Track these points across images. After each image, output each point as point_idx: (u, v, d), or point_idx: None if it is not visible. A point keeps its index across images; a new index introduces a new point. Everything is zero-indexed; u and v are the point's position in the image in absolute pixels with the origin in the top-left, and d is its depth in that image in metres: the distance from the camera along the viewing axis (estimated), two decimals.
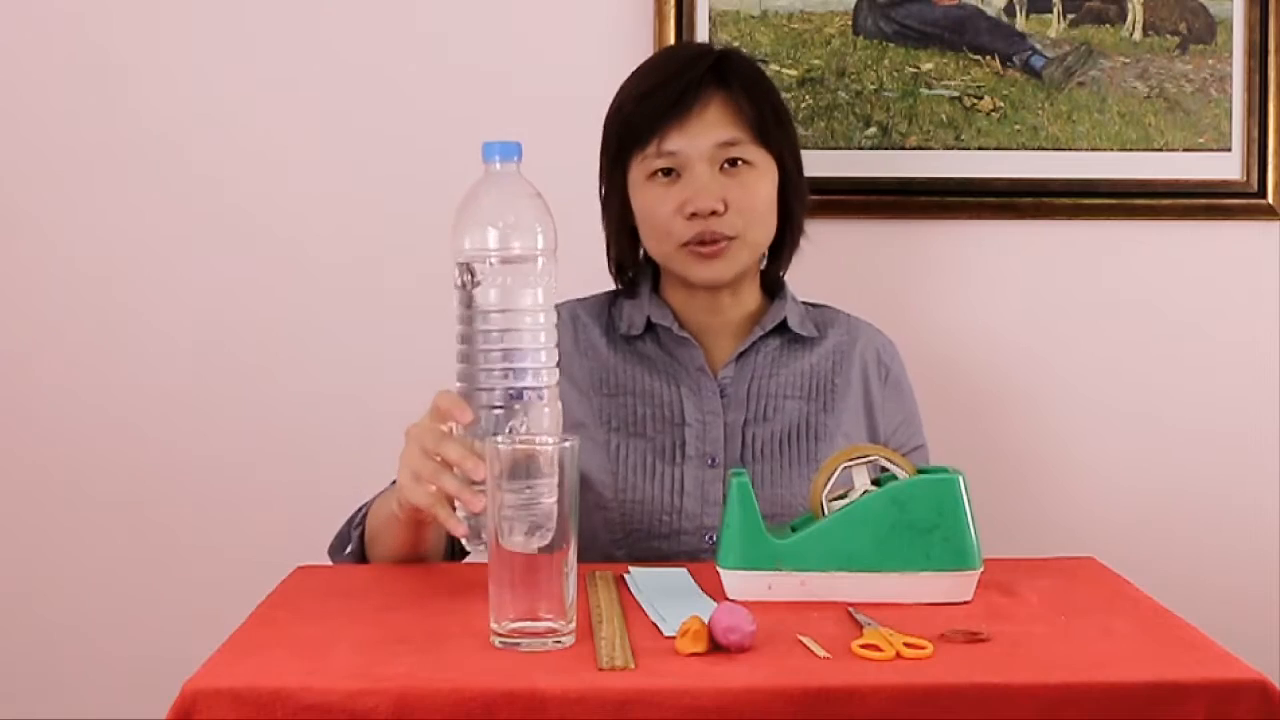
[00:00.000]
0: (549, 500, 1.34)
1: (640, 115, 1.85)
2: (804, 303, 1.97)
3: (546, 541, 1.34)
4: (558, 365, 1.53)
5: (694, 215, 1.82)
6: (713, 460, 1.84)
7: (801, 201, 1.92)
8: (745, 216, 1.84)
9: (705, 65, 1.86)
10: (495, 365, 1.49)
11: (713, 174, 1.84)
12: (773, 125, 1.87)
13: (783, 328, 1.92)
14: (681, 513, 1.81)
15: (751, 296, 1.94)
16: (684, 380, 1.88)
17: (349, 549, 1.81)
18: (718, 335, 1.92)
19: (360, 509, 1.86)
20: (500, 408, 1.48)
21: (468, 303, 1.50)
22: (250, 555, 2.12)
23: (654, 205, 1.85)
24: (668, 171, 1.85)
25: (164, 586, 2.30)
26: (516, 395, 1.43)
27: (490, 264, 1.48)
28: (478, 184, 1.52)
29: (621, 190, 1.89)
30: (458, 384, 1.51)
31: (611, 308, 1.96)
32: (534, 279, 1.49)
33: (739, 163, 1.85)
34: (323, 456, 2.28)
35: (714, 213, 1.82)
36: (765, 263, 1.95)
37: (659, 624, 1.41)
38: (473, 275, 1.49)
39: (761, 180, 1.86)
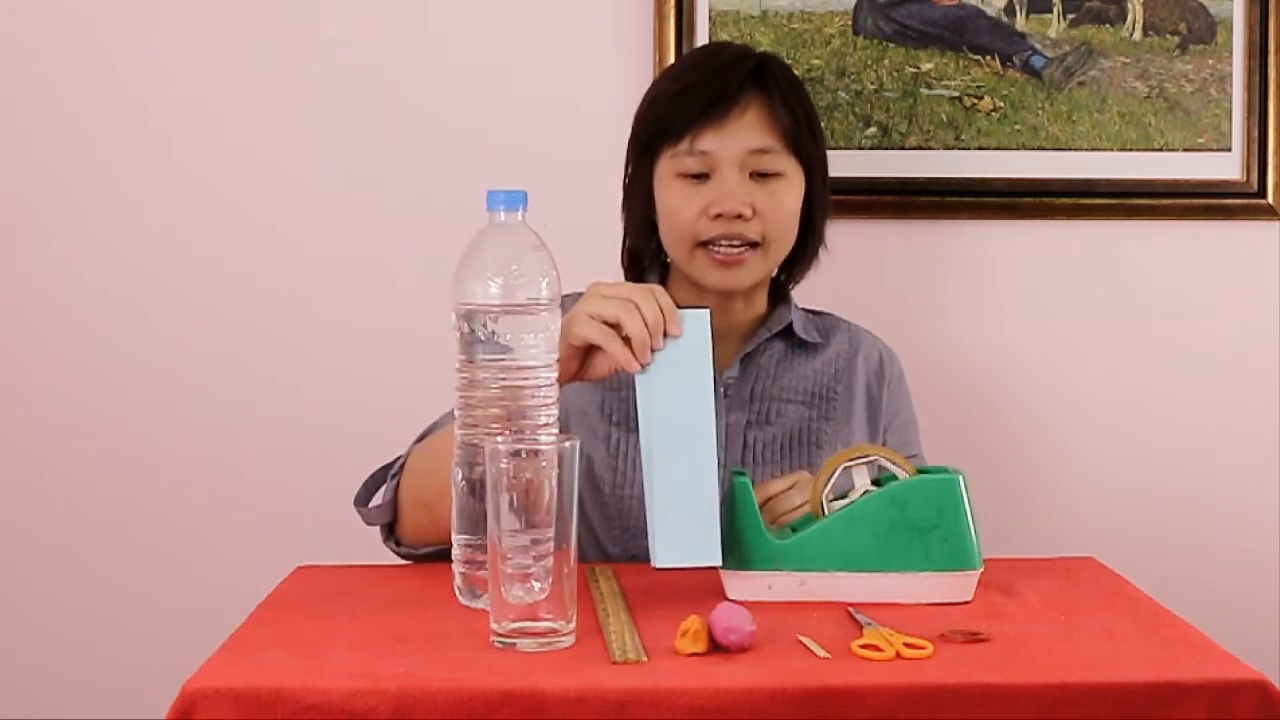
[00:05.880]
0: (547, 552, 1.34)
1: (676, 111, 1.84)
2: (805, 310, 1.97)
3: (545, 595, 1.34)
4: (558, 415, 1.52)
5: (719, 216, 1.82)
6: None
7: (824, 214, 1.92)
8: (771, 225, 1.83)
9: (747, 68, 1.86)
10: (494, 419, 1.48)
11: (742, 179, 1.83)
12: (806, 136, 1.87)
13: (787, 333, 1.92)
14: None
15: (759, 302, 1.93)
16: None
17: (380, 498, 1.77)
18: (723, 337, 1.91)
19: (397, 461, 1.84)
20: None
21: (467, 353, 1.49)
22: (250, 555, 2.12)
23: (679, 204, 1.84)
24: (698, 171, 1.83)
25: (164, 586, 2.30)
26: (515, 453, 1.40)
27: (492, 317, 1.48)
28: (482, 233, 1.51)
29: (647, 183, 1.88)
30: (458, 431, 1.51)
31: None
32: (535, 333, 1.48)
33: (770, 171, 1.84)
34: (323, 456, 2.28)
35: (740, 216, 1.82)
36: (778, 273, 1.94)
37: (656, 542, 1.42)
38: (472, 328, 1.48)
39: (790, 191, 1.86)
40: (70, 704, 2.28)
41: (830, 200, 1.93)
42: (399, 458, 1.83)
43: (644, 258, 1.93)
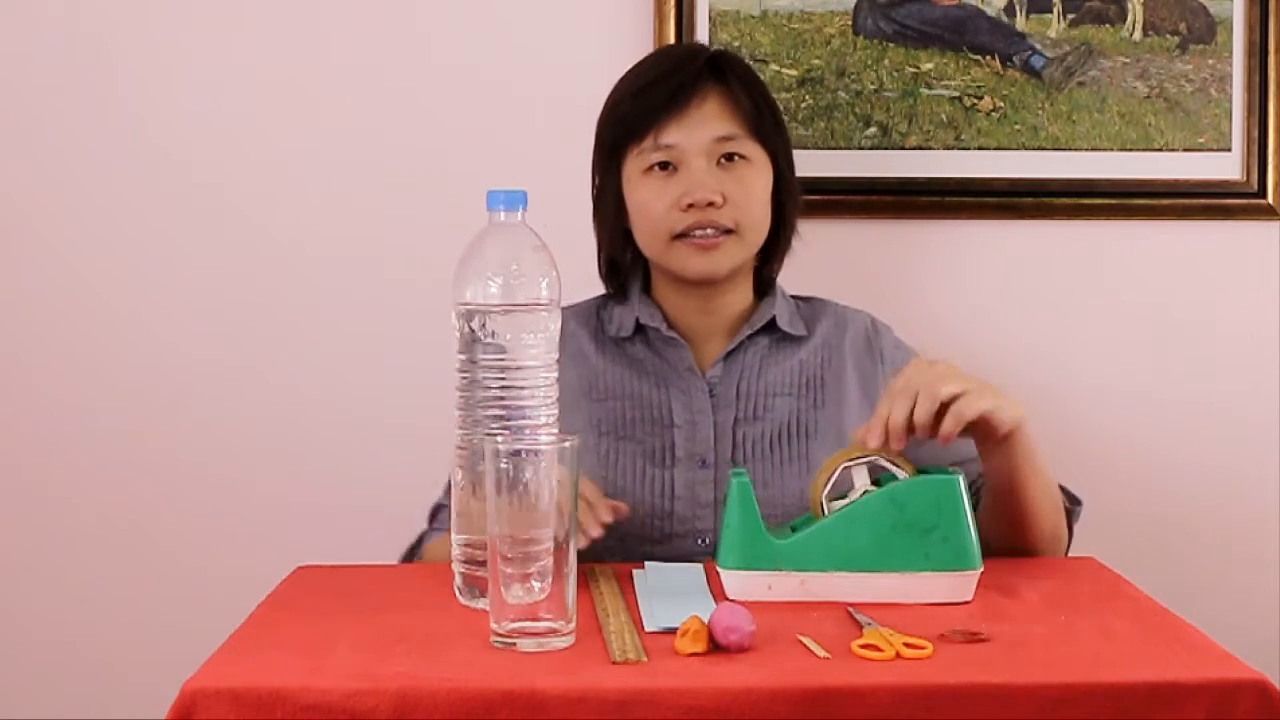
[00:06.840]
0: (546, 552, 1.34)
1: (637, 109, 1.85)
2: (794, 297, 1.97)
3: (545, 595, 1.34)
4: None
5: (691, 206, 1.82)
6: (703, 461, 1.84)
7: (794, 202, 1.93)
8: (742, 210, 1.84)
9: (702, 60, 1.87)
10: (494, 419, 1.48)
11: (710, 167, 1.84)
12: (770, 124, 1.88)
13: (772, 326, 1.92)
14: (673, 516, 1.81)
15: (743, 296, 1.93)
16: (672, 381, 1.88)
17: None
18: (708, 336, 1.92)
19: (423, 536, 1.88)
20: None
21: (467, 353, 1.49)
22: (250, 555, 2.12)
23: (650, 199, 1.85)
24: (664, 165, 1.84)
25: (164, 587, 2.29)
26: (515, 453, 1.39)
27: (492, 317, 1.48)
28: (482, 233, 1.51)
29: (616, 187, 1.89)
30: (457, 430, 1.51)
31: (601, 311, 1.95)
32: (535, 333, 1.48)
33: (736, 157, 1.85)
34: (322, 458, 2.28)
35: (711, 204, 1.82)
36: (758, 263, 1.94)
37: (646, 618, 1.41)
38: (472, 328, 1.48)
39: (758, 176, 1.87)
40: (70, 704, 2.28)
41: (800, 190, 1.94)
42: (415, 548, 1.86)
43: (622, 265, 1.94)
